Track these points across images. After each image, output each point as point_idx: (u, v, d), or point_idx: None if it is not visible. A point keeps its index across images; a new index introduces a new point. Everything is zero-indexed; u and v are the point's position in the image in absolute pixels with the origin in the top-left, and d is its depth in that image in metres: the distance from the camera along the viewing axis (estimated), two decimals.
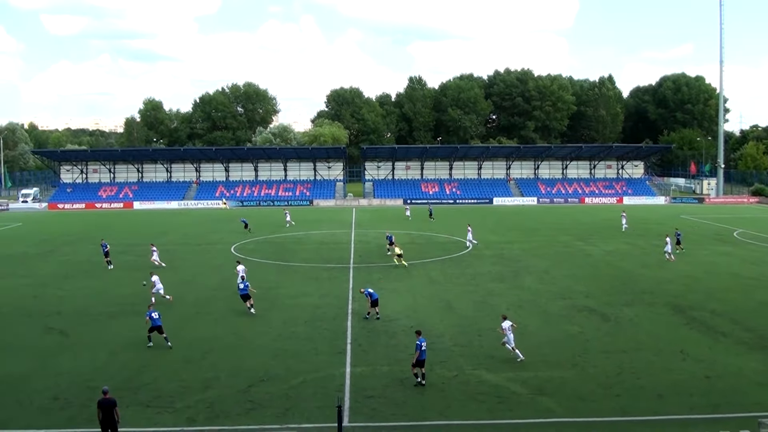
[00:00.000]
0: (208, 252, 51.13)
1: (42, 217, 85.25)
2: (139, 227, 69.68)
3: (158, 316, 27.19)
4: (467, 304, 33.37)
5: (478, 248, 50.78)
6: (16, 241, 59.84)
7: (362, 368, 23.80)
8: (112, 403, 17.96)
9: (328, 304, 33.21)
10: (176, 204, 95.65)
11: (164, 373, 23.60)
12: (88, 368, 24.35)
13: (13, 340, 28.39)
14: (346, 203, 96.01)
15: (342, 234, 60.33)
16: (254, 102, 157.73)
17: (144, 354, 25.89)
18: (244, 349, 26.35)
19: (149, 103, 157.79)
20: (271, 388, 22.06)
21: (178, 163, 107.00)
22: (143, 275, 41.54)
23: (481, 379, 22.74)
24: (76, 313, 32.37)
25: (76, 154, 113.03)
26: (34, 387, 22.59)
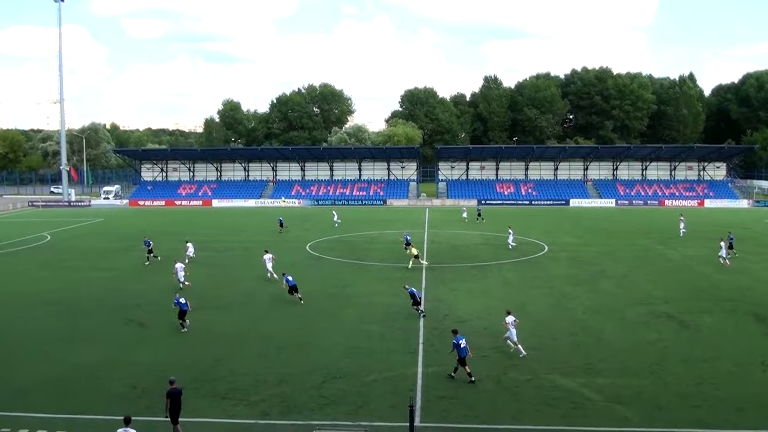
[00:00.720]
0: (284, 249, 51.82)
1: (123, 213, 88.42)
2: (217, 224, 71.39)
3: (185, 301, 29.47)
4: (542, 307, 32.86)
5: (554, 251, 49.93)
6: (98, 236, 62.18)
7: (434, 368, 23.73)
8: (179, 393, 18.71)
9: (400, 304, 33.23)
10: (253, 202, 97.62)
11: (240, 367, 24.13)
12: (165, 359, 25.16)
13: (94, 330, 29.63)
14: (420, 203, 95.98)
15: (415, 234, 60.28)
16: (330, 102, 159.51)
17: (220, 347, 26.54)
18: (317, 346, 26.67)
19: (228, 103, 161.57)
20: (344, 385, 22.26)
21: (256, 162, 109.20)
22: (220, 271, 42.75)
23: (556, 384, 22.35)
24: (154, 306, 33.43)
25: (157, 153, 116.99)
26: (113, 375, 23.49)
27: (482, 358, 24.76)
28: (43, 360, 25.42)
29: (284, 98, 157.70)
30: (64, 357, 25.72)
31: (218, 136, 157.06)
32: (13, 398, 21.55)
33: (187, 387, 22.08)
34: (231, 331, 28.99)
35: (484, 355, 25.19)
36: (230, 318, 31.22)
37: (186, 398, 21.08)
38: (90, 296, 36.09)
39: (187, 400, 21.05)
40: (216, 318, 31.26)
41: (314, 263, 45.44)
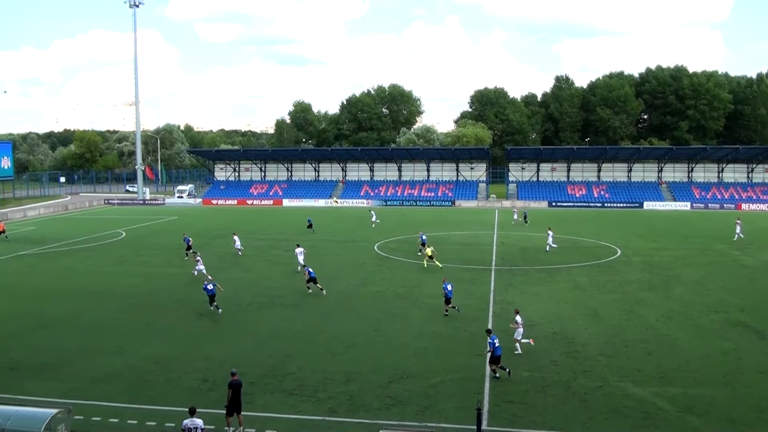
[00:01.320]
0: (352, 249, 52.39)
1: (196, 211, 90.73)
2: (287, 224, 72.50)
3: (212, 287, 32.21)
4: (614, 312, 32.17)
5: (627, 255, 48.82)
6: (172, 233, 63.95)
7: (502, 372, 23.57)
8: (240, 385, 19.24)
9: (468, 306, 33.10)
10: (323, 202, 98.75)
11: (308, 364, 24.48)
12: (235, 354, 25.70)
13: (167, 324, 30.58)
14: (489, 204, 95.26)
15: (484, 235, 59.92)
16: (399, 103, 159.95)
17: (289, 344, 26.97)
18: (385, 346, 26.81)
19: (299, 105, 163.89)
20: (411, 386, 22.32)
21: (326, 162, 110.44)
22: (290, 269, 43.43)
23: (627, 393, 21.85)
24: (226, 302, 34.19)
25: (229, 154, 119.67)
26: (185, 368, 24.19)
27: (552, 363, 24.44)
28: (118, 352, 26.37)
29: (354, 99, 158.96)
30: (138, 349, 26.64)
31: (289, 136, 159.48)
32: (88, 387, 22.44)
33: (256, 382, 22.64)
34: (299, 328, 29.43)
35: (553, 360, 24.86)
36: (299, 316, 31.70)
37: (255, 393, 21.64)
38: (163, 291, 37.25)
39: (256, 395, 21.57)
40: (285, 315, 31.79)
41: (382, 263, 45.67)
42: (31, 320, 31.56)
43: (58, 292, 37.90)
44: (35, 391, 21.90)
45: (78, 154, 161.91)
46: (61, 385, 22.70)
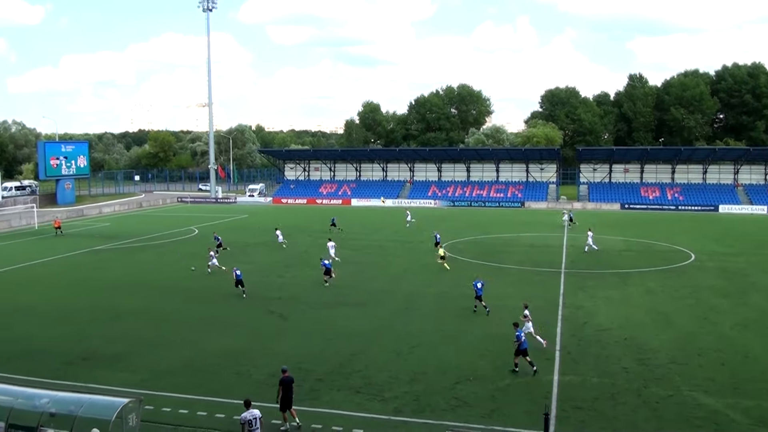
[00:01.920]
0: (418, 250, 52.31)
1: (266, 210, 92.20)
2: (356, 223, 72.98)
3: (240, 272, 35.92)
4: (687, 319, 31.14)
5: (701, 260, 47.23)
6: (243, 231, 65.23)
7: (571, 377, 23.10)
8: (292, 381, 19.51)
9: (537, 309, 32.54)
10: (390, 202, 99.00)
11: (375, 363, 24.56)
12: (303, 351, 26.01)
13: (237, 319, 31.20)
14: (559, 206, 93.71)
15: (554, 238, 58.98)
16: (468, 103, 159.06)
17: (356, 342, 27.12)
18: (451, 346, 26.67)
19: (368, 105, 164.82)
20: (477, 388, 22.12)
21: (394, 162, 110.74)
22: (357, 268, 43.71)
23: (699, 403, 21.09)
24: (294, 300, 34.69)
25: (300, 154, 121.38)
26: (254, 363, 24.62)
27: (623, 370, 23.84)
28: (189, 345, 27.05)
29: (422, 100, 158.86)
30: (208, 343, 27.25)
31: (358, 137, 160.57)
32: (159, 378, 23.10)
33: (323, 379, 22.86)
34: (367, 327, 29.56)
35: (624, 366, 24.23)
36: (366, 314, 31.84)
37: (321, 390, 21.85)
38: (232, 287, 37.81)
39: (323, 391, 21.77)
40: (353, 313, 31.99)
41: (449, 264, 45.43)
42: (104, 312, 32.68)
43: (131, 285, 39.14)
44: (107, 380, 22.65)
45: (152, 153, 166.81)
46: (132, 375, 23.42)
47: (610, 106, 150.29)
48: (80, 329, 29.73)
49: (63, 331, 29.44)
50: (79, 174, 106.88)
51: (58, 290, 38.49)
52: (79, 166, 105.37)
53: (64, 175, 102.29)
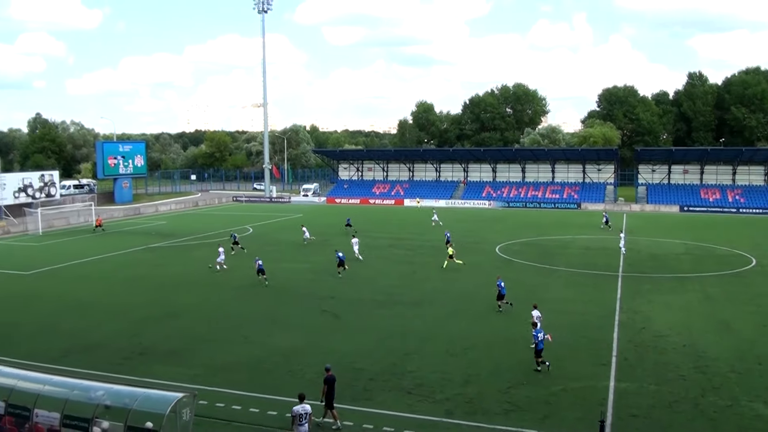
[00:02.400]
0: (473, 251, 51.96)
1: (320, 210, 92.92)
2: (409, 223, 73.02)
3: (261, 262, 39.43)
4: (748, 326, 30.17)
5: (763, 265, 45.73)
6: (297, 230, 65.55)
7: (627, 384, 22.65)
8: (334, 380, 19.66)
9: (592, 312, 32.12)
10: (444, 203, 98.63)
11: (427, 363, 24.52)
12: (355, 350, 26.19)
13: (291, 317, 31.58)
14: (617, 208, 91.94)
15: (610, 240, 57.87)
16: (523, 103, 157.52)
17: (409, 343, 27.12)
18: (504, 349, 26.45)
19: (421, 105, 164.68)
20: (531, 392, 21.88)
21: (447, 163, 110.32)
22: (410, 268, 43.76)
23: (758, 414, 20.40)
24: (347, 299, 34.88)
25: (353, 154, 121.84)
26: (306, 361, 24.85)
27: (679, 378, 23.27)
28: (243, 342, 27.48)
29: (476, 99, 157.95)
30: (262, 340, 27.68)
31: (411, 137, 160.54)
32: (213, 374, 23.55)
33: (375, 379, 22.94)
34: (419, 327, 29.54)
35: (681, 374, 23.64)
36: (418, 315, 31.82)
37: (373, 390, 21.92)
38: (288, 286, 38.43)
39: (375, 391, 21.83)
40: (405, 314, 32.00)
41: (503, 266, 45.07)
42: (160, 308, 33.46)
43: (186, 282, 39.98)
44: (162, 375, 23.18)
45: (208, 153, 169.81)
46: (187, 370, 23.91)
47: (669, 106, 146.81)
48: (137, 325, 30.46)
49: (120, 327, 30.21)
50: (136, 173, 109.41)
51: (115, 286, 39.52)
52: (136, 165, 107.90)
53: (121, 174, 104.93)
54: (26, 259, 50.01)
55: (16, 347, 27.05)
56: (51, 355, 25.93)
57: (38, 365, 22.67)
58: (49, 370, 20.85)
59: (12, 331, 30.03)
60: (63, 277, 42.66)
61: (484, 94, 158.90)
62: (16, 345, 27.51)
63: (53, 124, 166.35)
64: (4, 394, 17.84)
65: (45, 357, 25.36)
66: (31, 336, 29.09)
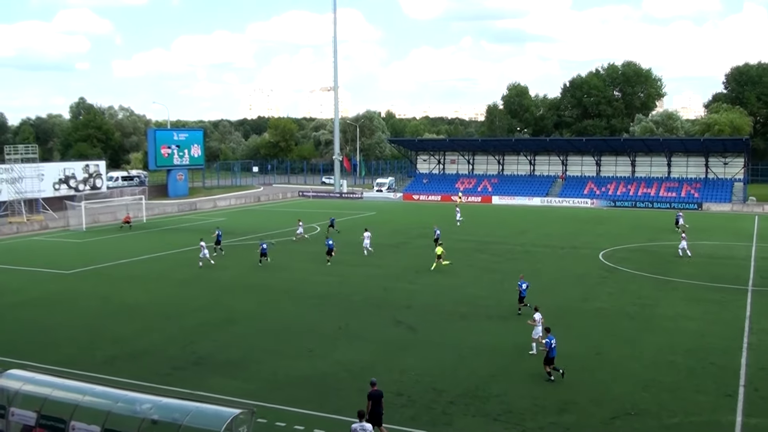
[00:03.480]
0: (571, 257, 51.20)
1: (396, 207, 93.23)
2: (497, 224, 72.50)
3: (266, 245, 46.85)
4: None
5: None
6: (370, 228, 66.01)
7: (758, 420, 21.82)
8: (381, 395, 19.79)
9: (715, 333, 31.07)
10: (538, 201, 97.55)
11: (516, 386, 24.24)
12: (434, 368, 26.08)
13: (361, 329, 31.75)
14: (746, 209, 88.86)
15: (739, 247, 55.97)
16: (634, 84, 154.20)
17: (495, 362, 26.86)
18: (608, 373, 25.88)
19: (513, 88, 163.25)
20: (640, 425, 21.31)
21: (543, 155, 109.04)
22: (498, 276, 43.39)
23: None
24: (425, 310, 34.81)
25: (434, 144, 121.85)
26: (378, 378, 24.68)
27: None
28: (307, 355, 27.78)
29: (578, 81, 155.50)
30: (329, 354, 27.89)
31: (501, 124, 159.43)
32: (274, 390, 23.88)
33: (455, 402, 22.81)
34: (507, 345, 29.20)
35: None
36: (508, 329, 31.49)
37: (454, 414, 21.78)
38: (359, 293, 38.68)
39: (455, 416, 21.70)
40: (491, 329, 31.72)
41: (607, 275, 44.21)
42: (217, 314, 34.18)
43: (246, 286, 40.75)
44: (217, 388, 23.61)
45: (272, 142, 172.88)
46: (245, 384, 24.32)
47: None
48: (190, 332, 31.18)
49: (171, 333, 31.00)
50: (192, 164, 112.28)
51: (167, 288, 40.60)
52: (192, 155, 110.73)
53: (176, 165, 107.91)
54: (67, 257, 51.97)
55: (54, 352, 28.14)
56: (93, 362, 26.84)
57: (78, 373, 23.53)
58: (90, 378, 21.54)
59: (50, 334, 31.27)
60: (108, 278, 44.11)
61: (587, 75, 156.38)
62: (54, 350, 28.62)
63: (99, 110, 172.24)
64: (36, 404, 18.47)
65: (86, 364, 26.26)
66: (71, 341, 30.19)
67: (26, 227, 69.08)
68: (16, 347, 28.80)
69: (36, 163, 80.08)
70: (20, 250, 56.11)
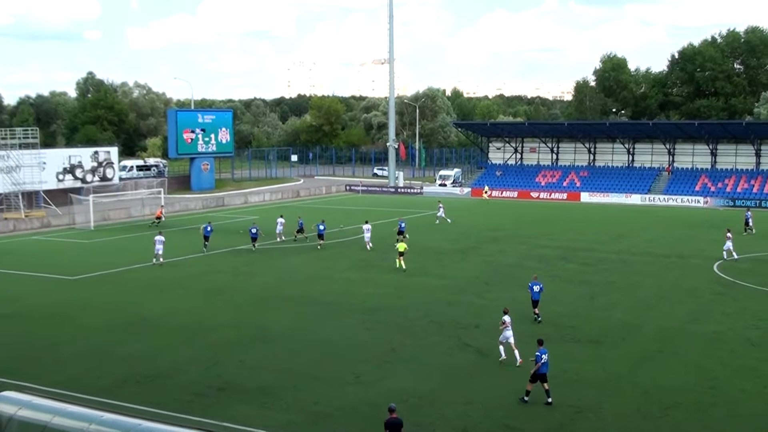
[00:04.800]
0: (679, 268, 50.57)
1: (463, 205, 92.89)
2: (586, 228, 71.98)
3: (256, 230, 55.90)
4: None
5: None
6: (430, 232, 66.14)
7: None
8: (400, 424, 19.98)
9: None
10: (638, 199, 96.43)
11: (609, 426, 24.01)
12: (506, 400, 26.03)
13: (419, 351, 31.69)
14: None
15: None
16: (759, 56, 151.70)
17: (583, 394, 26.62)
18: (725, 412, 25.48)
19: (609, 60, 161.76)
20: None
21: (644, 142, 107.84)
22: (587, 290, 43.02)
23: None
24: (497, 330, 34.50)
25: (510, 128, 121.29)
26: (437, 412, 25.01)
27: None
28: (353, 381, 27.86)
29: (690, 51, 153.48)
30: (380, 381, 27.94)
31: (593, 105, 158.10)
32: (313, 422, 24.09)
33: None
34: (598, 374, 28.91)
35: None
36: (599, 356, 31.18)
37: None
38: (417, 308, 38.63)
39: None
40: (580, 354, 31.39)
41: (724, 291, 43.53)
42: (247, 331, 34.50)
43: (282, 299, 41.08)
44: (247, 419, 23.90)
45: (315, 126, 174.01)
46: (279, 415, 24.54)
47: None
48: (215, 351, 31.46)
49: (193, 352, 31.34)
50: (220, 152, 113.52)
51: (188, 299, 41.15)
52: (220, 141, 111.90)
53: (200, 152, 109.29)
54: (73, 260, 53.09)
55: (56, 372, 28.68)
56: (101, 384, 27.26)
57: (83, 397, 23.91)
58: (97, 404, 21.84)
59: (51, 351, 31.89)
60: (120, 285, 44.88)
61: (701, 44, 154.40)
62: (57, 370, 29.17)
63: (111, 87, 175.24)
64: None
65: (93, 387, 26.69)
66: (75, 359, 30.74)
67: (24, 224, 70.67)
68: (11, 365, 29.42)
69: (36, 150, 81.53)
70: (17, 252, 57.42)
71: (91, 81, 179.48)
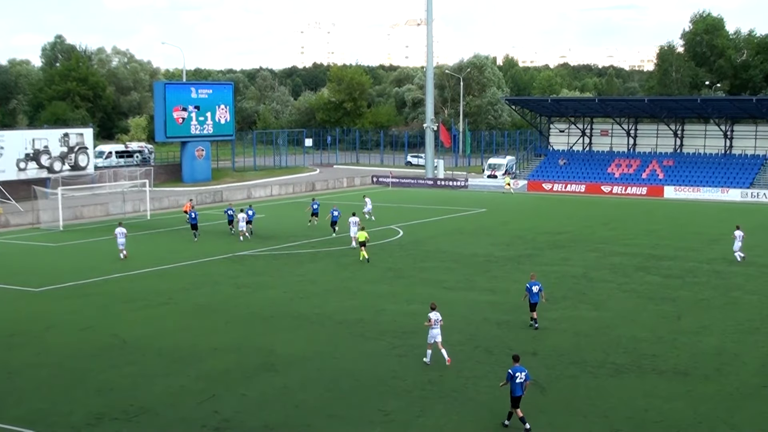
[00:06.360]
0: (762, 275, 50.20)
1: (518, 200, 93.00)
2: (670, 230, 71.67)
3: (233, 213, 63.92)
4: None
5: None
6: (476, 235, 65.98)
7: None
8: None
9: None
10: (737, 194, 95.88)
11: None
12: None
13: (462, 384, 31.53)
14: None
15: None
16: None
17: None
18: None
19: (700, 21, 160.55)
20: None
21: (746, 123, 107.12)
22: (673, 308, 42.90)
23: None
24: (558, 358, 34.45)
25: (576, 105, 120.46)
26: None
27: None
28: (382, 420, 27.86)
29: None
30: (413, 420, 27.85)
31: (681, 76, 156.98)
32: None
33: None
34: (687, 413, 28.69)
35: None
36: (686, 391, 30.98)
37: None
38: (460, 330, 38.34)
39: None
40: (662, 388, 31.17)
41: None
42: (249, 357, 34.52)
43: (293, 317, 41.08)
44: None
45: (334, 102, 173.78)
46: None
47: None
48: (211, 382, 31.48)
49: (184, 383, 31.37)
50: (218, 134, 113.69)
51: (179, 317, 41.26)
52: (217, 121, 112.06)
53: (194, 135, 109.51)
54: (37, 268, 53.43)
55: (15, 406, 28.79)
56: (71, 421, 27.33)
57: None
58: None
59: (10, 380, 31.94)
60: (95, 299, 45.02)
61: None
62: (15, 402, 29.26)
63: (84, 54, 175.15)
64: None
65: (62, 424, 26.85)
66: (40, 389, 30.75)
67: None
68: None
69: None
70: None
71: (59, 46, 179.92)
